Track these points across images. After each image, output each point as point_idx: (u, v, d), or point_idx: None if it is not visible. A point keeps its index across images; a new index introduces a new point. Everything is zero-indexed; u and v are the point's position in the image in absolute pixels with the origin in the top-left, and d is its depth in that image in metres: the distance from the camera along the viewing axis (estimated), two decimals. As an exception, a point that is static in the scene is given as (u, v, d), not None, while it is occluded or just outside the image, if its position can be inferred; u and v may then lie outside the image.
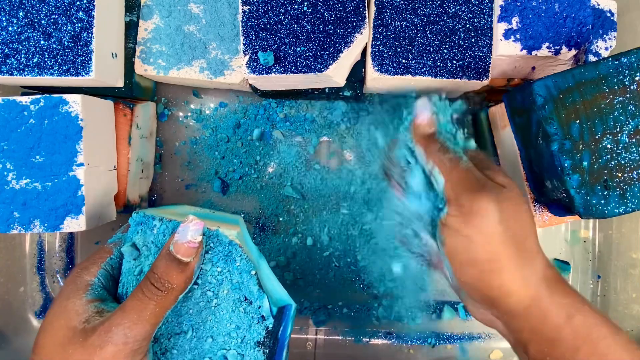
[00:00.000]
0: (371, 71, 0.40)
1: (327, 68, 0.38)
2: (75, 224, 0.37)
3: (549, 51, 0.40)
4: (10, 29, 0.37)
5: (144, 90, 0.46)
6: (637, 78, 0.33)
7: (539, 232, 0.50)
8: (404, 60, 0.40)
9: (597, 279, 0.51)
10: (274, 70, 0.38)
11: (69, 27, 0.37)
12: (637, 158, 0.33)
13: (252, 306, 0.32)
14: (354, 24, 0.39)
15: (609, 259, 0.51)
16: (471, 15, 0.40)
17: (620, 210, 0.34)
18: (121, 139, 0.43)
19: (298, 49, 0.38)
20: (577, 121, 0.34)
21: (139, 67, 0.43)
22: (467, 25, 0.40)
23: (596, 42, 0.43)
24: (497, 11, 0.40)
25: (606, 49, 0.43)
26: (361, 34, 0.39)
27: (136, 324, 0.27)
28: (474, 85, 0.41)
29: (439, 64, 0.40)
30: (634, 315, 0.49)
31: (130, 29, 0.43)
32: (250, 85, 0.44)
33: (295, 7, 0.39)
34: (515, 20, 0.39)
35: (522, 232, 0.28)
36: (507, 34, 0.40)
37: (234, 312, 0.32)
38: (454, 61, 0.40)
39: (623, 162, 0.34)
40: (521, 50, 0.39)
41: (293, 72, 0.38)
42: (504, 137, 0.42)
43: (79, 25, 0.37)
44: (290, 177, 0.49)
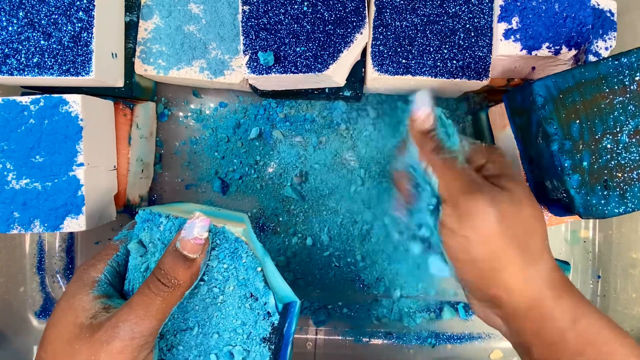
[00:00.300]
0: (371, 71, 0.40)
1: (327, 68, 0.38)
2: (75, 224, 0.37)
3: (549, 51, 0.40)
4: (10, 29, 0.37)
5: (144, 90, 0.46)
6: (637, 78, 0.33)
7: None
8: (404, 60, 0.40)
9: (597, 279, 0.51)
10: (274, 70, 0.38)
11: (69, 27, 0.37)
12: (637, 158, 0.33)
13: (258, 302, 0.32)
14: (354, 24, 0.39)
15: (609, 259, 0.51)
16: (471, 15, 0.40)
17: (620, 210, 0.34)
18: (121, 139, 0.43)
19: (298, 49, 0.38)
20: (577, 121, 0.34)
21: (139, 67, 0.43)
22: (467, 25, 0.40)
23: (596, 42, 0.42)
24: (497, 11, 0.40)
25: (606, 49, 0.43)
26: (361, 34, 0.39)
27: (143, 320, 0.27)
28: (474, 85, 0.41)
29: (439, 64, 0.40)
30: (634, 315, 0.49)
31: (130, 29, 0.43)
32: (250, 85, 0.44)
33: (295, 7, 0.39)
34: (515, 20, 0.39)
35: (524, 233, 0.28)
36: (507, 34, 0.40)
37: (240, 309, 0.32)
38: (454, 61, 0.40)
39: (623, 162, 0.33)
40: (521, 50, 0.39)
41: (293, 72, 0.38)
42: (504, 137, 0.42)
43: (79, 25, 0.37)
44: (290, 177, 0.49)
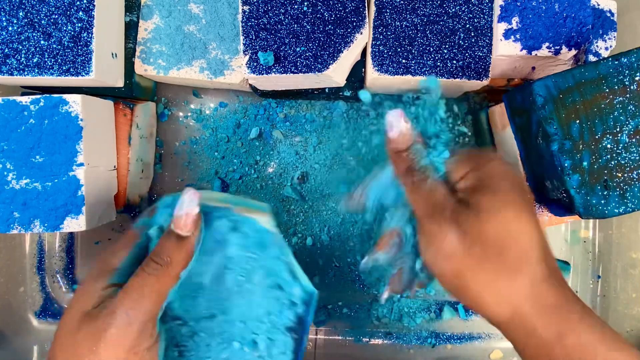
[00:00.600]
0: (371, 71, 0.40)
1: (327, 68, 0.38)
2: (75, 224, 0.37)
3: (549, 51, 0.40)
4: (10, 29, 0.37)
5: (144, 90, 0.46)
6: (637, 78, 0.33)
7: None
8: (404, 60, 0.40)
9: (597, 279, 0.51)
10: (274, 70, 0.38)
11: (69, 27, 0.37)
12: (637, 158, 0.33)
13: (283, 292, 0.32)
14: (354, 24, 0.39)
15: (609, 259, 0.51)
16: (471, 15, 0.40)
17: (620, 210, 0.34)
18: (121, 139, 0.43)
19: (298, 49, 0.38)
20: (577, 121, 0.34)
21: (139, 67, 0.43)
22: (467, 25, 0.40)
23: (596, 42, 0.43)
24: (497, 11, 0.40)
25: (606, 49, 0.43)
26: (361, 34, 0.39)
27: (137, 303, 0.27)
28: (474, 85, 0.41)
29: (439, 64, 0.40)
30: (634, 315, 0.49)
31: (130, 29, 0.43)
32: (250, 85, 0.44)
33: (295, 7, 0.39)
34: (515, 20, 0.39)
35: (495, 249, 0.27)
36: (507, 34, 0.40)
37: (265, 298, 0.32)
38: (454, 61, 0.40)
39: (623, 162, 0.34)
40: (521, 50, 0.39)
41: (293, 72, 0.38)
42: (504, 137, 0.42)
43: (79, 25, 0.37)
44: (290, 177, 0.49)
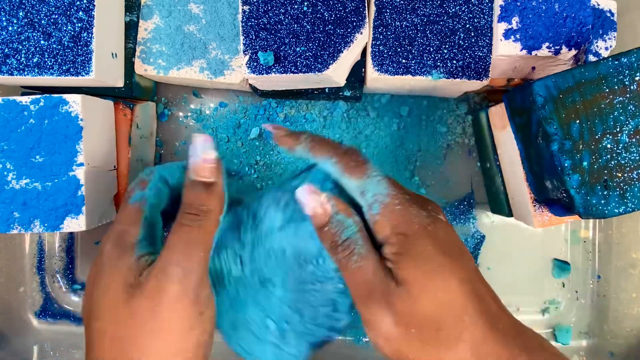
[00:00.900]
0: (371, 71, 0.40)
1: (327, 68, 0.38)
2: (75, 224, 0.37)
3: (549, 51, 0.40)
4: (10, 29, 0.37)
5: (144, 90, 0.46)
6: (637, 78, 0.33)
7: (539, 232, 0.50)
8: (404, 60, 0.40)
9: (597, 279, 0.51)
10: (274, 70, 0.38)
11: (69, 27, 0.37)
12: (637, 158, 0.33)
13: (334, 313, 0.33)
14: (354, 24, 0.39)
15: (609, 259, 0.51)
16: (471, 15, 0.40)
17: (620, 210, 0.34)
18: (121, 139, 0.43)
19: (298, 49, 0.38)
20: (577, 121, 0.34)
21: (139, 67, 0.43)
22: (467, 25, 0.40)
23: (596, 42, 0.42)
24: (497, 11, 0.40)
25: (606, 49, 0.43)
26: (361, 34, 0.39)
27: (187, 255, 0.26)
28: (474, 85, 0.41)
29: (439, 63, 0.40)
30: (634, 315, 0.49)
31: (130, 29, 0.43)
32: (250, 85, 0.44)
33: (295, 7, 0.39)
34: (515, 20, 0.39)
35: (432, 326, 0.26)
36: (507, 34, 0.40)
37: (319, 307, 0.32)
38: (454, 61, 0.40)
39: (623, 162, 0.34)
40: (521, 50, 0.39)
41: (293, 72, 0.38)
42: (504, 137, 0.42)
43: (79, 25, 0.37)
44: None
